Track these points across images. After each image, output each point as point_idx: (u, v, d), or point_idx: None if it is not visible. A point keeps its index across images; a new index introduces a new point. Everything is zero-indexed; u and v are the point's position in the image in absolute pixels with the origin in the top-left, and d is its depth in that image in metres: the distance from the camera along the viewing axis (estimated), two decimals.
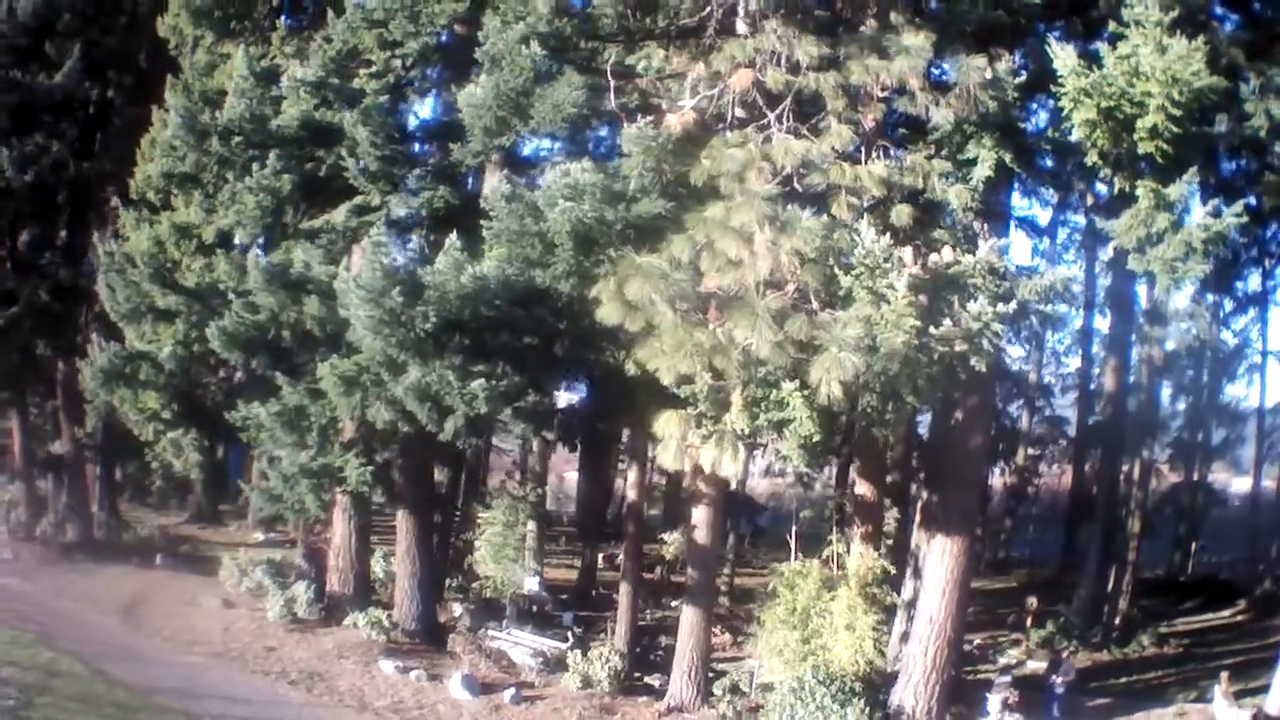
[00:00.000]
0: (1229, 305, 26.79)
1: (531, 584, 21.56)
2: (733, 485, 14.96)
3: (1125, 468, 25.00)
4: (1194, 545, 29.22)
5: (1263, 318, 27.43)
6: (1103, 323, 26.54)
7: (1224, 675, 16.73)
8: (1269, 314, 27.38)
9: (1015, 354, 30.61)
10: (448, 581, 20.95)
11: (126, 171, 22.08)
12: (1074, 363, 30.09)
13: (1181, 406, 28.43)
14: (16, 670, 14.67)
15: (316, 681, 16.82)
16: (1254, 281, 26.33)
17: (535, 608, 21.39)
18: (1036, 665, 19.27)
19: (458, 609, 20.42)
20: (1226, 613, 26.03)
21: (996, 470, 29.14)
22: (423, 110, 17.23)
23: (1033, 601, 21.73)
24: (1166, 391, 27.36)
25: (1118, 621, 22.09)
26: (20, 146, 21.47)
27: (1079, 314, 28.64)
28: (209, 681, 16.49)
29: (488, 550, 19.27)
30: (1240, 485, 33.45)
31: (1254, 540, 28.02)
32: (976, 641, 21.81)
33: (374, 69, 14.92)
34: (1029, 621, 21.35)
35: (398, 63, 15.11)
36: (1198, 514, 27.97)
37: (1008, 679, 16.84)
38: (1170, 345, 26.82)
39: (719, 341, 11.14)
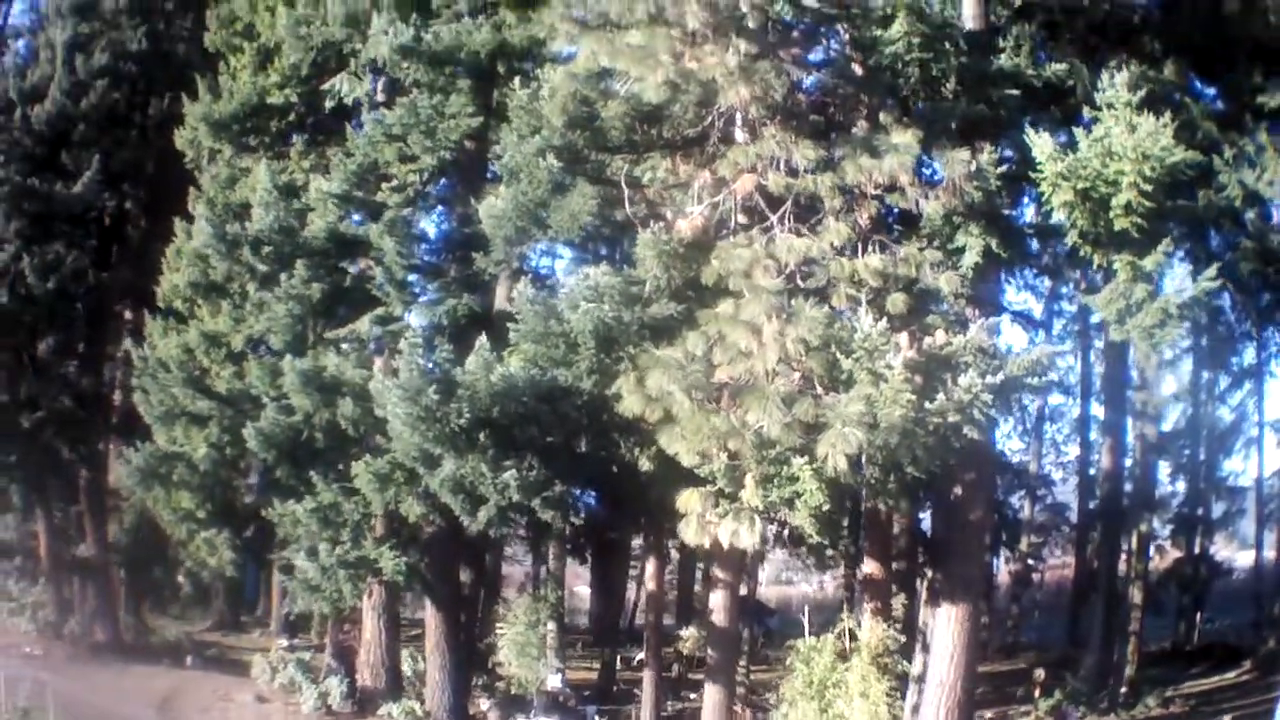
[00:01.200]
0: (1224, 382, 28.18)
1: (554, 680, 22.27)
2: (747, 573, 16.02)
3: (1126, 545, 26.17)
4: (1198, 616, 29.92)
5: (1259, 391, 28.78)
6: (1100, 409, 27.93)
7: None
8: (1264, 386, 28.77)
9: (1015, 446, 32.28)
10: (473, 680, 21.79)
11: (143, 280, 23.66)
12: (1073, 450, 31.28)
13: (1181, 485, 29.52)
14: None
15: None
16: (1249, 355, 27.67)
17: (561, 699, 22.21)
18: None
19: (485, 704, 21.23)
20: (1232, 674, 26.62)
21: (1000, 559, 30.32)
22: (438, 221, 18.67)
23: (1040, 673, 22.58)
24: (1165, 470, 28.69)
25: (1124, 687, 22.88)
26: (41, 255, 23.00)
27: (1076, 402, 30.16)
28: None
29: (511, 649, 20.12)
30: (1245, 558, 34.28)
31: (1258, 606, 28.88)
32: (988, 716, 22.64)
33: (394, 183, 16.38)
34: (1037, 692, 22.13)
35: (415, 176, 16.57)
36: (1200, 586, 28.79)
37: None
38: (1166, 426, 28.47)
39: (733, 425, 12.31)
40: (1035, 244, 15.61)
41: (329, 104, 19.24)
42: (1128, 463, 25.71)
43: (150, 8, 24.89)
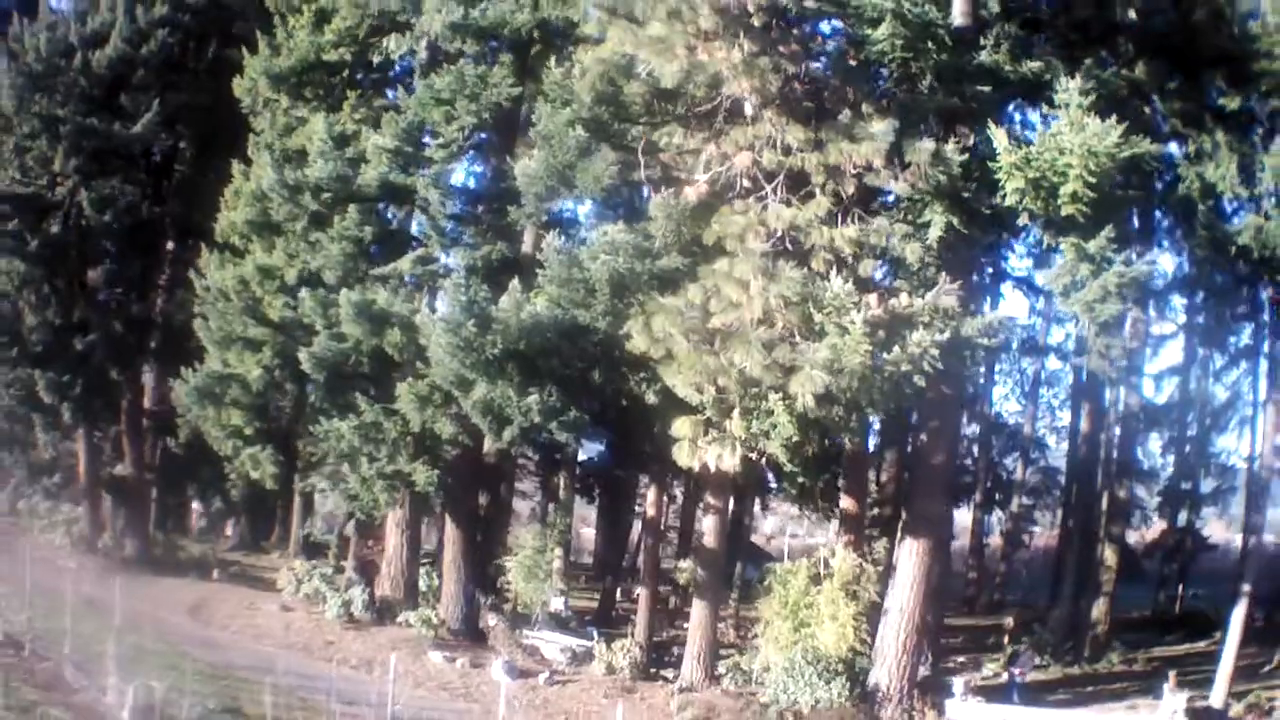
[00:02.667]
0: (1219, 360, 31.89)
1: (557, 603, 26.49)
2: (746, 516, 19.94)
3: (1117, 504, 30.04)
4: (1180, 587, 33.84)
5: (1254, 371, 32.39)
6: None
7: (1171, 674, 21.57)
8: (1259, 367, 32.33)
9: (1013, 408, 36.16)
10: (483, 597, 25.99)
11: (192, 215, 27.92)
12: (1066, 416, 35.22)
13: (1172, 458, 33.39)
14: (111, 648, 19.67)
15: (374, 667, 21.79)
16: (1246, 335, 31.15)
17: (564, 621, 26.45)
18: None
19: (493, 619, 25.43)
20: (1203, 643, 30.43)
21: (992, 518, 34.34)
22: (476, 175, 22.65)
23: (1009, 621, 26.74)
24: (1157, 443, 32.51)
25: (1089, 639, 26.93)
26: (98, 190, 27.16)
27: (1069, 368, 33.89)
28: (279, 665, 21.41)
29: (519, 571, 23.98)
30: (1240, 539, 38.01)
31: (1240, 579, 32.77)
32: (961, 660, 26.78)
33: (440, 140, 20.33)
34: (1006, 639, 26.27)
35: (458, 134, 20.51)
36: (1185, 558, 32.71)
37: (976, 674, 21.76)
38: (1160, 399, 32.19)
39: (722, 365, 16.25)
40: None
41: (377, 59, 23.24)
42: (1109, 432, 29.49)
43: None
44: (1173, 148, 22.76)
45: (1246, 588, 22.97)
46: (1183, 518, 33.16)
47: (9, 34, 28.02)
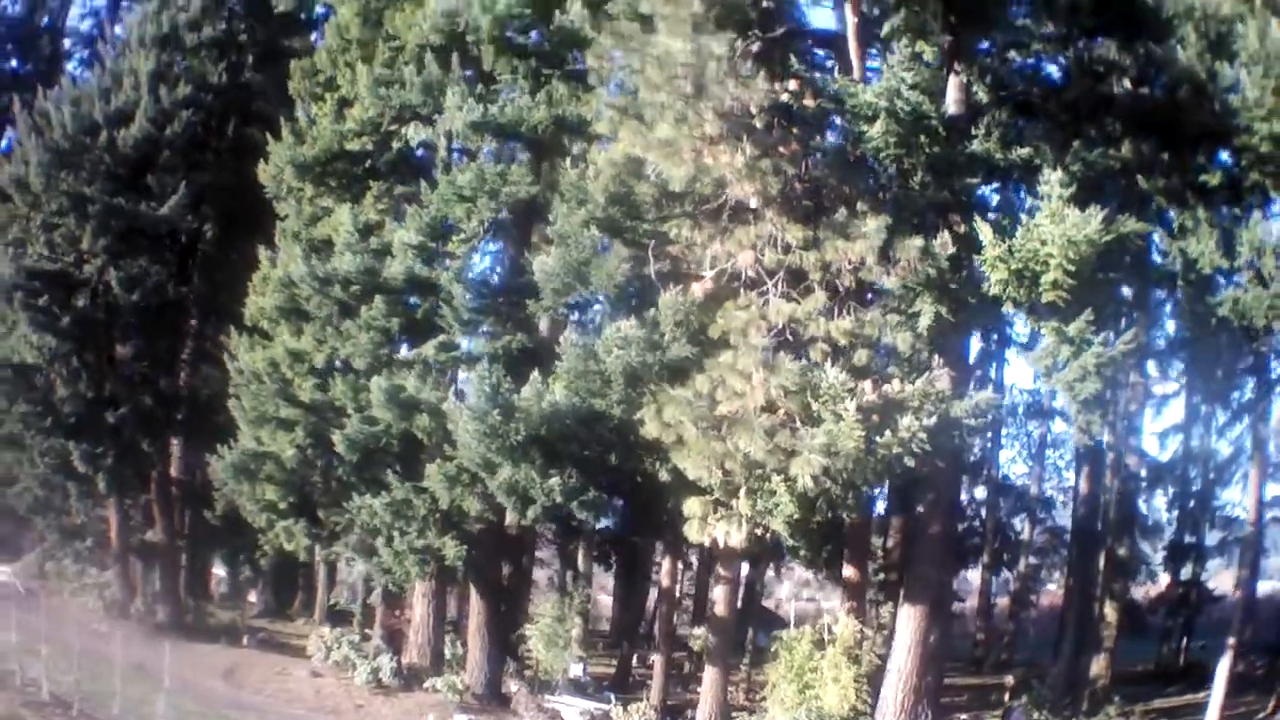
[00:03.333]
0: (1222, 416, 34.09)
1: (577, 669, 28.57)
2: (757, 582, 22.15)
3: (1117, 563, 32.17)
4: (1185, 640, 35.89)
5: (1255, 424, 34.37)
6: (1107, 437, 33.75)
7: None
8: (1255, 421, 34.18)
9: (1019, 470, 38.46)
10: (506, 664, 28.13)
11: (216, 293, 30.41)
12: (1072, 476, 37.44)
13: (1176, 512, 35.52)
14: (160, 709, 21.87)
15: None
16: (1249, 390, 33.25)
17: (583, 687, 28.63)
18: None
19: (515, 684, 27.59)
20: (1203, 694, 32.55)
21: (1000, 578, 36.54)
22: (496, 267, 25.08)
23: (1010, 680, 28.82)
24: (1162, 499, 34.69)
25: (1088, 693, 28.96)
26: (127, 269, 29.66)
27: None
28: None
29: (540, 639, 26.14)
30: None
31: (1241, 631, 34.85)
32: (963, 717, 28.88)
33: (462, 235, 22.76)
34: (1007, 696, 28.34)
35: (478, 227, 22.94)
36: (1191, 611, 34.78)
37: None
38: (1164, 456, 34.41)
39: (728, 450, 18.52)
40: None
41: (397, 144, 25.71)
42: (1110, 492, 31.70)
43: (227, 43, 31.33)
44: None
45: (1231, 640, 24.95)
46: (1188, 571, 35.22)
47: (34, 108, 30.73)
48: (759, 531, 19.47)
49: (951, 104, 22.02)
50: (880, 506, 27.75)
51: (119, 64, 31.33)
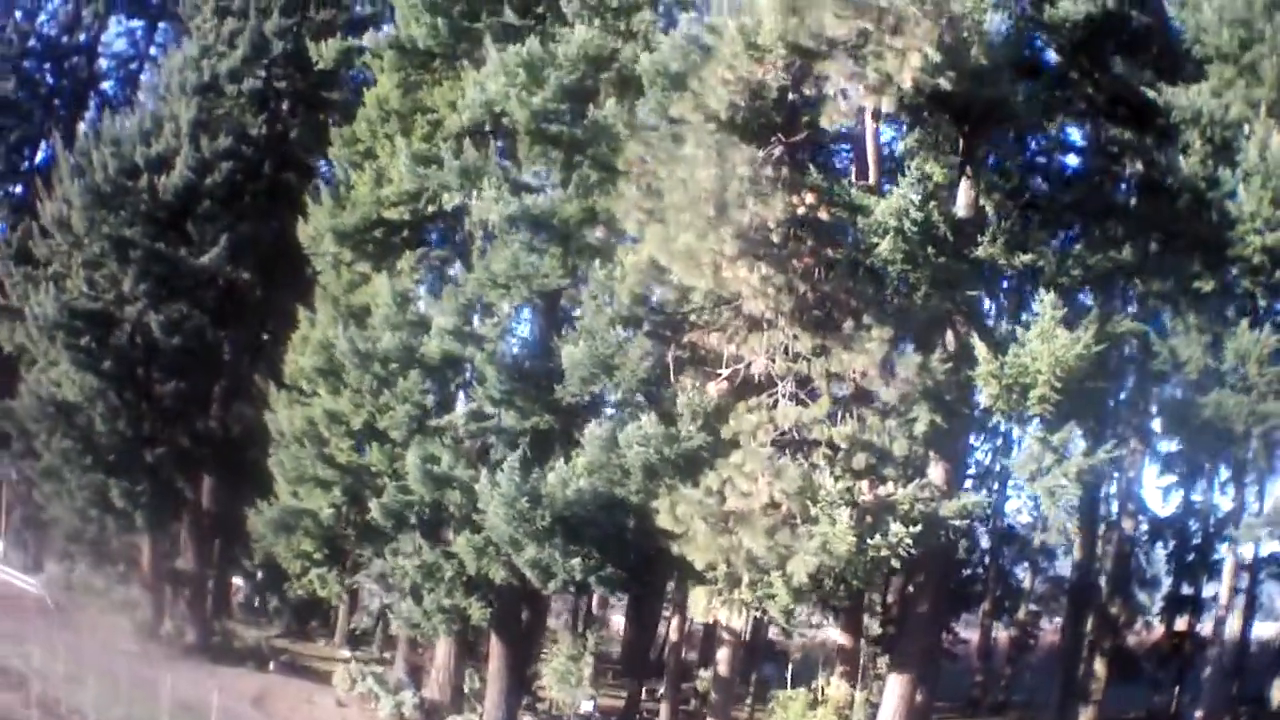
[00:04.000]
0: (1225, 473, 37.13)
1: (587, 706, 32.19)
2: (745, 637, 25.57)
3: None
4: (1176, 690, 39.21)
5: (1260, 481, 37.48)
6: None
7: None
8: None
9: (1024, 520, 41.76)
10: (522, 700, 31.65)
11: (251, 335, 33.72)
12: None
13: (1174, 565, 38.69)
14: None
15: None
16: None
17: None
18: None
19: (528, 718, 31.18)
20: None
21: (1000, 624, 39.97)
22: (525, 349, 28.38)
23: None
24: (1162, 551, 37.78)
25: None
26: (167, 313, 32.98)
27: None
28: None
29: (553, 676, 29.95)
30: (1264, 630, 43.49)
31: (1228, 682, 38.10)
32: None
33: (494, 319, 25.96)
34: None
35: (510, 310, 26.13)
36: (1184, 661, 38.07)
37: None
38: (1164, 512, 37.56)
39: (733, 544, 21.76)
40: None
41: (432, 209, 28.84)
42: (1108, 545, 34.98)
43: (266, 94, 34.48)
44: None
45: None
46: (1185, 622, 38.50)
47: (75, 148, 34.03)
48: (757, 614, 22.69)
49: (961, 207, 25.10)
50: None
51: (159, 108, 34.48)
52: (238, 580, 43.16)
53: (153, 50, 44.06)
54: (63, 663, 29.02)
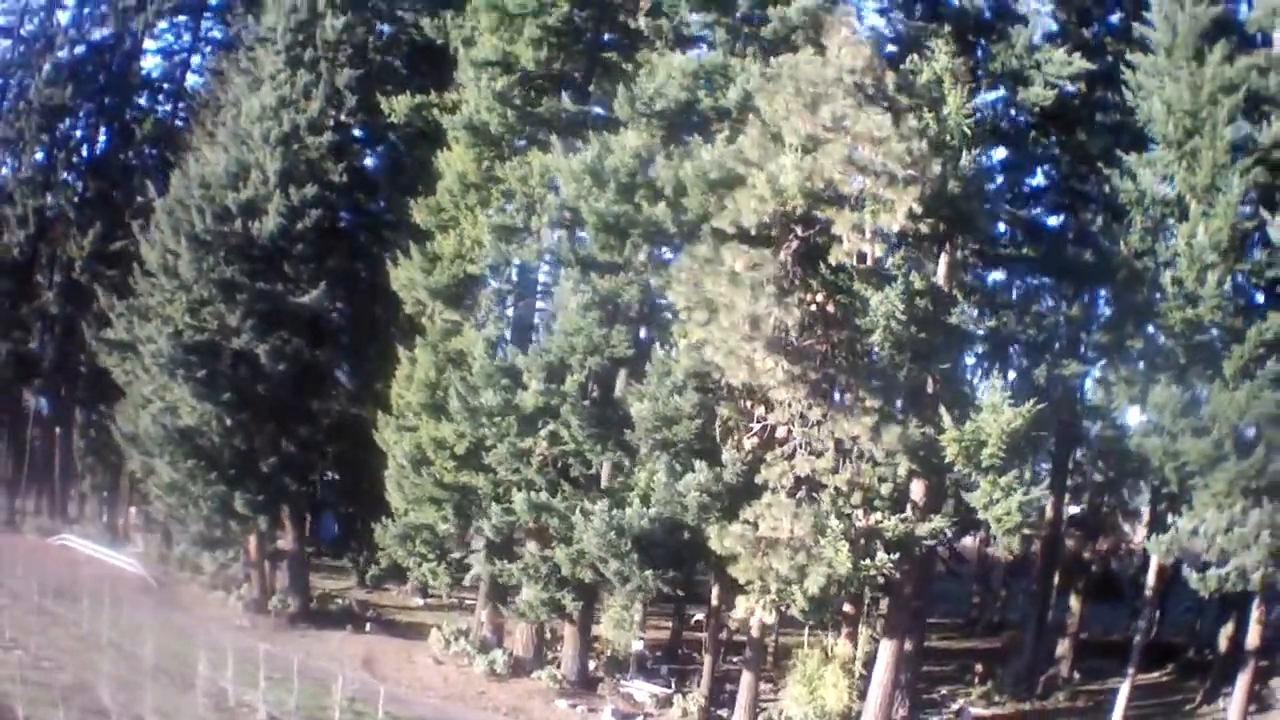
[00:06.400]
0: None
1: (637, 645, 49.39)
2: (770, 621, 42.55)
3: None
4: (1157, 614, 56.28)
5: None
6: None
7: None
8: None
9: None
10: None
11: (346, 356, 49.91)
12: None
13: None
14: (328, 711, 39.81)
15: (518, 713, 44.61)
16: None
17: (642, 659, 49.37)
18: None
19: (592, 664, 48.27)
20: (1156, 674, 53.04)
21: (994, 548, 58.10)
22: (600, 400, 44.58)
23: (979, 667, 49.94)
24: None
25: (1046, 678, 50.02)
26: (272, 342, 48.63)
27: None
28: (450, 714, 44.20)
29: (609, 622, 47.40)
30: None
31: (1201, 612, 55.46)
32: (944, 691, 50.00)
33: (573, 376, 41.76)
34: (976, 680, 49.54)
35: (583, 370, 41.89)
36: (1165, 585, 54.35)
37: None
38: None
39: (766, 565, 38.32)
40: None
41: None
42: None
43: (344, 145, 49.53)
44: None
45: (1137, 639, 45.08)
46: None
47: (170, 192, 49.35)
48: (783, 610, 39.40)
49: (941, 278, 40.91)
50: None
51: (243, 153, 49.44)
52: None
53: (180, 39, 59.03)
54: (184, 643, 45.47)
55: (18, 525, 64.75)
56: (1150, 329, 41.45)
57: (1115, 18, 46.92)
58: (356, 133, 50.18)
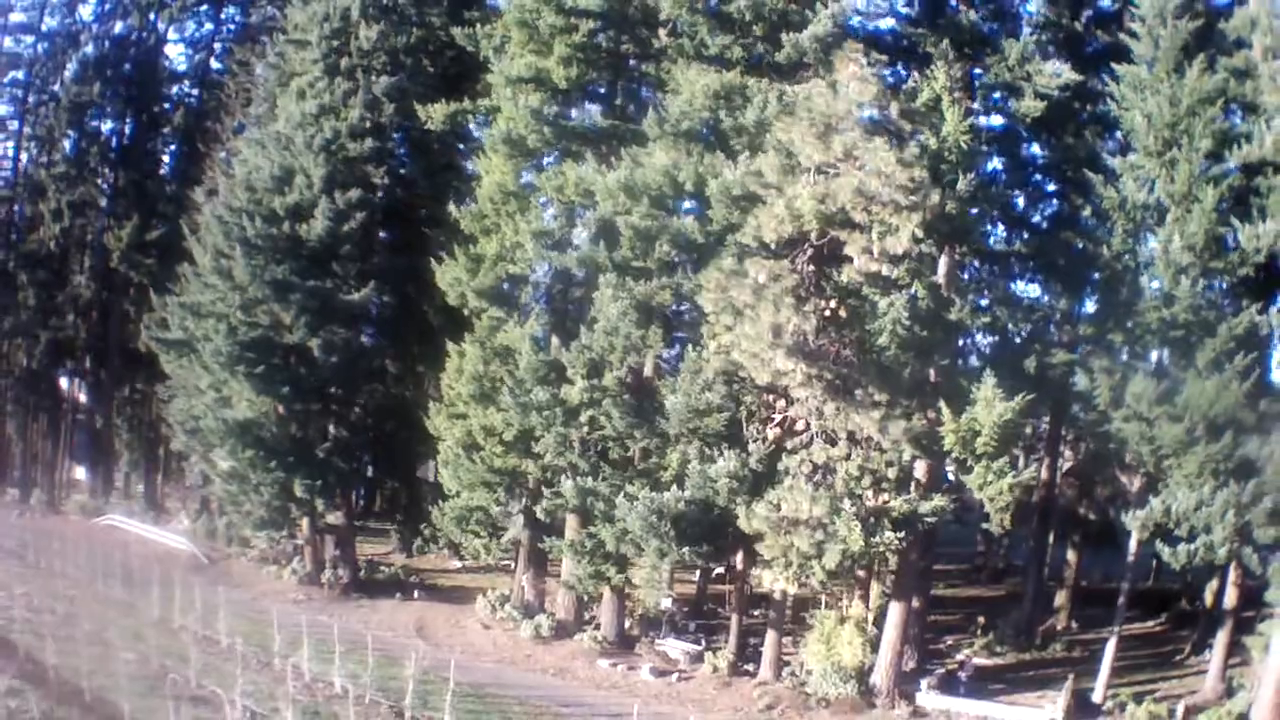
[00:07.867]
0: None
1: (666, 603, 61.79)
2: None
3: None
4: (1155, 563, 68.19)
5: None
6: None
7: (1071, 676, 56.55)
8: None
9: None
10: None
11: (394, 348, 61.77)
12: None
13: None
14: (399, 682, 48.44)
15: (565, 674, 57.06)
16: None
17: (672, 615, 61.63)
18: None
19: (627, 623, 60.47)
20: (1151, 623, 64.66)
21: None
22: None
23: (981, 618, 62.31)
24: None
25: (1044, 629, 62.33)
26: (325, 337, 60.08)
27: None
28: (505, 678, 56.36)
29: (641, 582, 59.34)
30: None
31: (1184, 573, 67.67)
32: (949, 641, 62.33)
33: (614, 372, 53.34)
34: (979, 632, 61.93)
35: (620, 367, 53.48)
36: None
37: (940, 671, 56.90)
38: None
39: (788, 543, 50.23)
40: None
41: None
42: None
43: (384, 150, 60.75)
44: None
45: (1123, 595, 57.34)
46: None
47: (218, 197, 60.77)
48: (802, 583, 51.43)
49: (940, 275, 52.64)
50: None
51: (285, 158, 60.67)
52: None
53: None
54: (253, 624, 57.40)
55: (58, 506, 76.83)
56: (1130, 325, 50.49)
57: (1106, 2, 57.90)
58: (394, 136, 61.17)
